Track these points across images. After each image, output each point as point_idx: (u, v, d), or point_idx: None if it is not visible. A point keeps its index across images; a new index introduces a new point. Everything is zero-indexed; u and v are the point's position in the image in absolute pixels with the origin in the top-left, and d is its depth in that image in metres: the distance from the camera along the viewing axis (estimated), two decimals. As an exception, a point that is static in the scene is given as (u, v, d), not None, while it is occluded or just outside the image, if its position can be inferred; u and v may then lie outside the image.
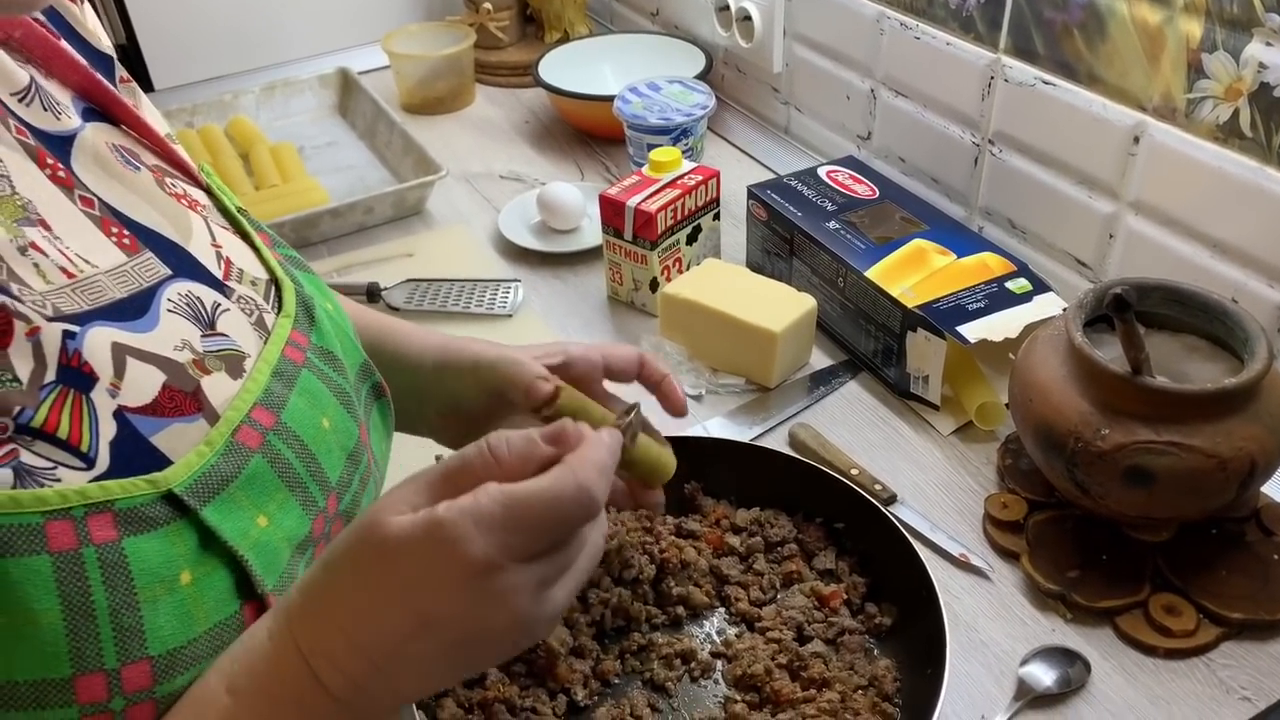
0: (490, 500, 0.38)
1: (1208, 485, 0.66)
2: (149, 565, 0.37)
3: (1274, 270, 0.78)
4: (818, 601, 0.69)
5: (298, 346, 0.48)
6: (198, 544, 0.39)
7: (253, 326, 0.47)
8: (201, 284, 0.46)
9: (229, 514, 0.40)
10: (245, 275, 0.49)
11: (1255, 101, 0.75)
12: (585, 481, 0.40)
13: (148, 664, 0.37)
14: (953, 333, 0.82)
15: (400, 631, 0.39)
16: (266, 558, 0.42)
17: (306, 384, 0.47)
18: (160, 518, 0.38)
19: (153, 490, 0.38)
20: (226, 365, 0.44)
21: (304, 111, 1.39)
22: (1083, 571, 0.72)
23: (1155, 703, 0.65)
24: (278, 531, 0.43)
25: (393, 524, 0.38)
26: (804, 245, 0.96)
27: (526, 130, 1.37)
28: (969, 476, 0.82)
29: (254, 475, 0.42)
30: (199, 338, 0.44)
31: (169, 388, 0.41)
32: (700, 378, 0.93)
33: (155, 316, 0.42)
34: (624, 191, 0.98)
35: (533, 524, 0.39)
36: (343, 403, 0.50)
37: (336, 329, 0.53)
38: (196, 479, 0.40)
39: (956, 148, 1.03)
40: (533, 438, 0.42)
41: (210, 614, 0.39)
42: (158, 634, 0.37)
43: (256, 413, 0.44)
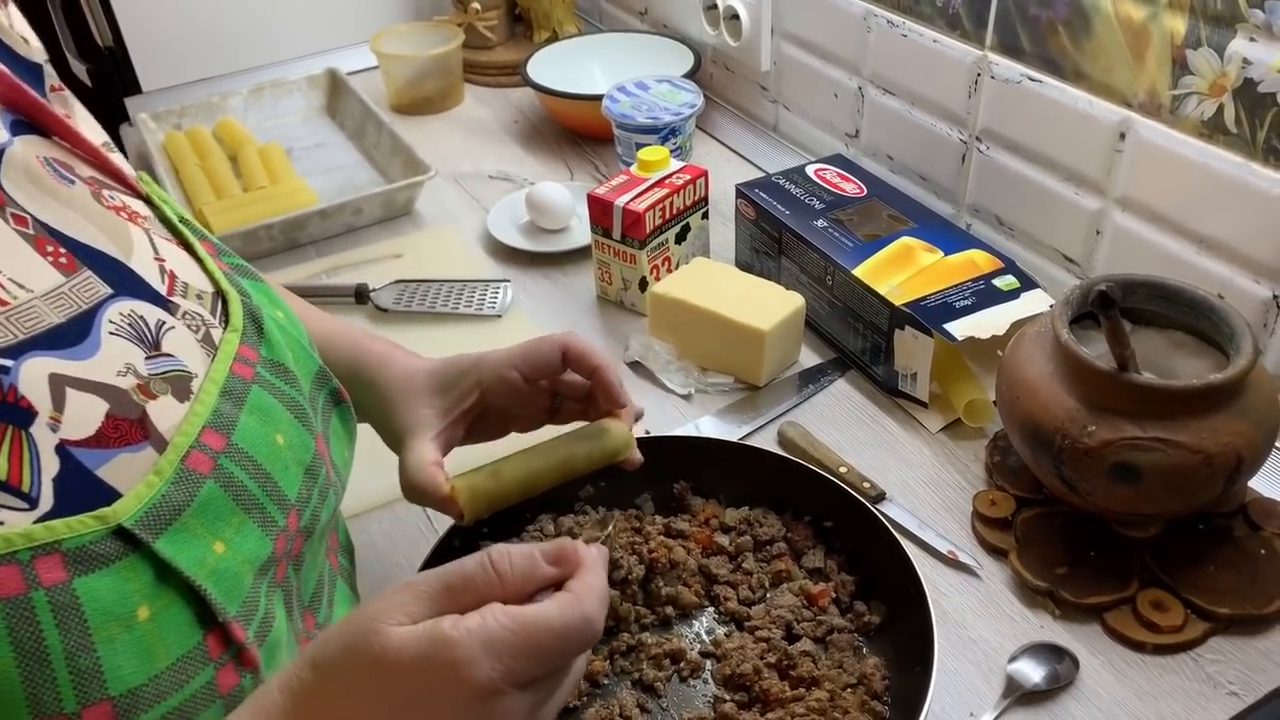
0: (499, 625, 0.38)
1: (1194, 481, 0.66)
2: (103, 604, 0.36)
3: (1259, 266, 0.79)
4: (806, 600, 0.69)
5: (246, 362, 0.47)
6: (153, 577, 0.38)
7: (199, 343, 0.45)
8: (144, 301, 0.44)
9: (184, 544, 0.39)
10: (190, 289, 0.47)
11: (1240, 97, 0.75)
12: (591, 614, 0.40)
13: (109, 704, 0.36)
14: (940, 330, 0.82)
15: None
16: (226, 585, 0.41)
17: (257, 401, 0.46)
18: (111, 554, 0.37)
19: (101, 526, 0.37)
20: (173, 388, 0.43)
21: (292, 112, 1.39)
22: (1071, 568, 0.72)
23: (1143, 698, 0.65)
24: (236, 556, 0.42)
25: (394, 634, 0.38)
26: (792, 244, 0.96)
27: (515, 130, 1.37)
28: (957, 474, 0.82)
29: (207, 502, 0.41)
30: (143, 360, 0.42)
31: (113, 417, 0.39)
32: (689, 377, 0.93)
33: (96, 341, 0.41)
34: (612, 191, 0.98)
35: (540, 652, 0.39)
36: (297, 416, 0.48)
37: (288, 338, 0.52)
38: (147, 511, 0.38)
39: (944, 145, 1.03)
40: (535, 557, 0.42)
41: (172, 648, 0.38)
42: (117, 673, 0.36)
43: (206, 436, 0.42)
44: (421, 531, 0.79)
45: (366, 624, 0.39)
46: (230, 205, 1.15)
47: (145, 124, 1.30)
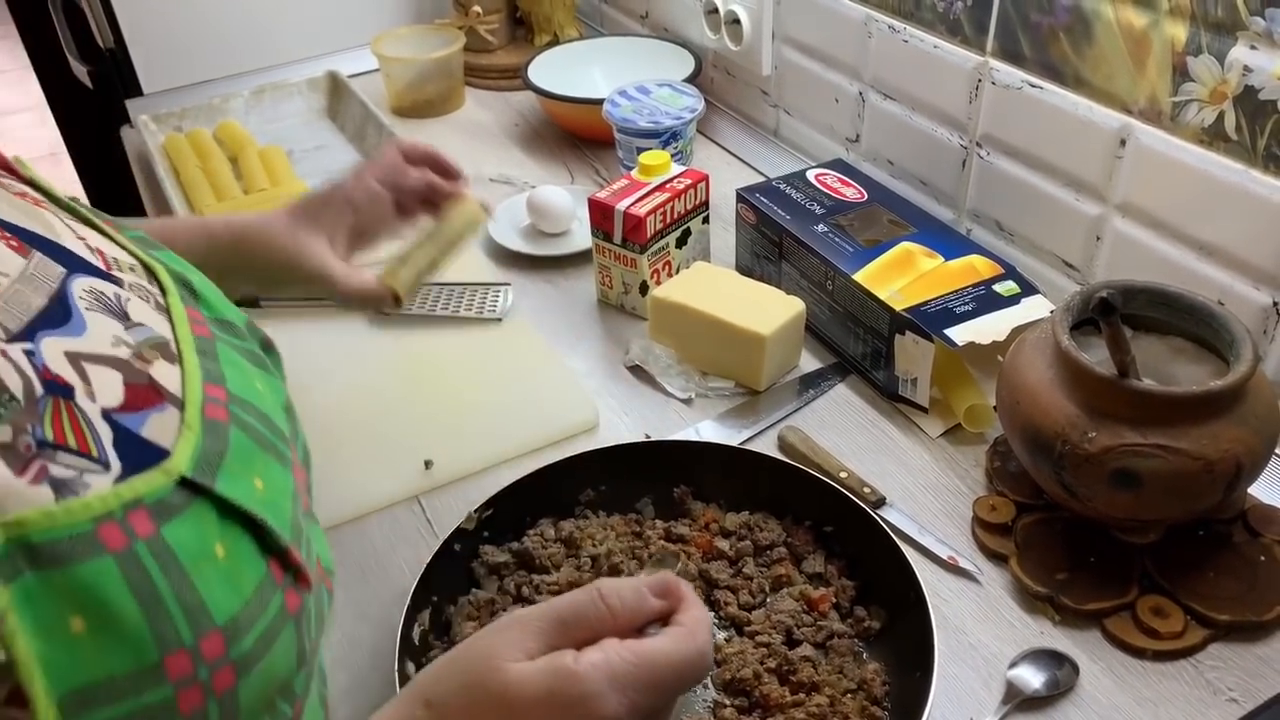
0: (621, 659, 0.40)
1: (1194, 487, 0.67)
2: (189, 547, 0.39)
3: (1260, 272, 0.79)
4: (806, 605, 0.69)
5: (199, 322, 0.48)
6: (217, 517, 0.40)
7: (155, 310, 0.46)
8: (95, 277, 0.44)
9: (233, 484, 0.42)
10: (122, 263, 0.47)
11: (1240, 104, 0.75)
12: (704, 647, 0.43)
13: (218, 633, 0.39)
14: (941, 336, 0.82)
15: None
16: (276, 514, 0.43)
17: (226, 355, 0.48)
18: (182, 503, 0.39)
19: (168, 479, 0.39)
20: (161, 353, 0.44)
21: (293, 115, 1.39)
22: (1071, 574, 0.72)
23: (1143, 704, 0.65)
24: (273, 490, 0.44)
25: (515, 671, 0.40)
26: (792, 248, 0.96)
27: (516, 133, 1.37)
28: (957, 479, 0.82)
29: (237, 445, 0.43)
30: (123, 330, 0.43)
31: (129, 384, 0.41)
32: (690, 381, 0.93)
33: (81, 319, 0.41)
34: (613, 195, 0.98)
35: (661, 685, 0.41)
36: (257, 364, 0.51)
37: (216, 295, 0.53)
38: (196, 460, 0.40)
39: (944, 150, 1.03)
40: (643, 591, 0.44)
41: (249, 578, 0.41)
42: (218, 605, 0.39)
43: (209, 390, 0.44)
44: (421, 535, 0.79)
45: (484, 661, 0.40)
46: (231, 207, 1.15)
47: (146, 126, 1.30)
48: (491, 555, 0.71)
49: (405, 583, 0.68)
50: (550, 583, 0.69)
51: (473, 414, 0.90)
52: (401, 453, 0.86)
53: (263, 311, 1.00)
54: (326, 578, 0.52)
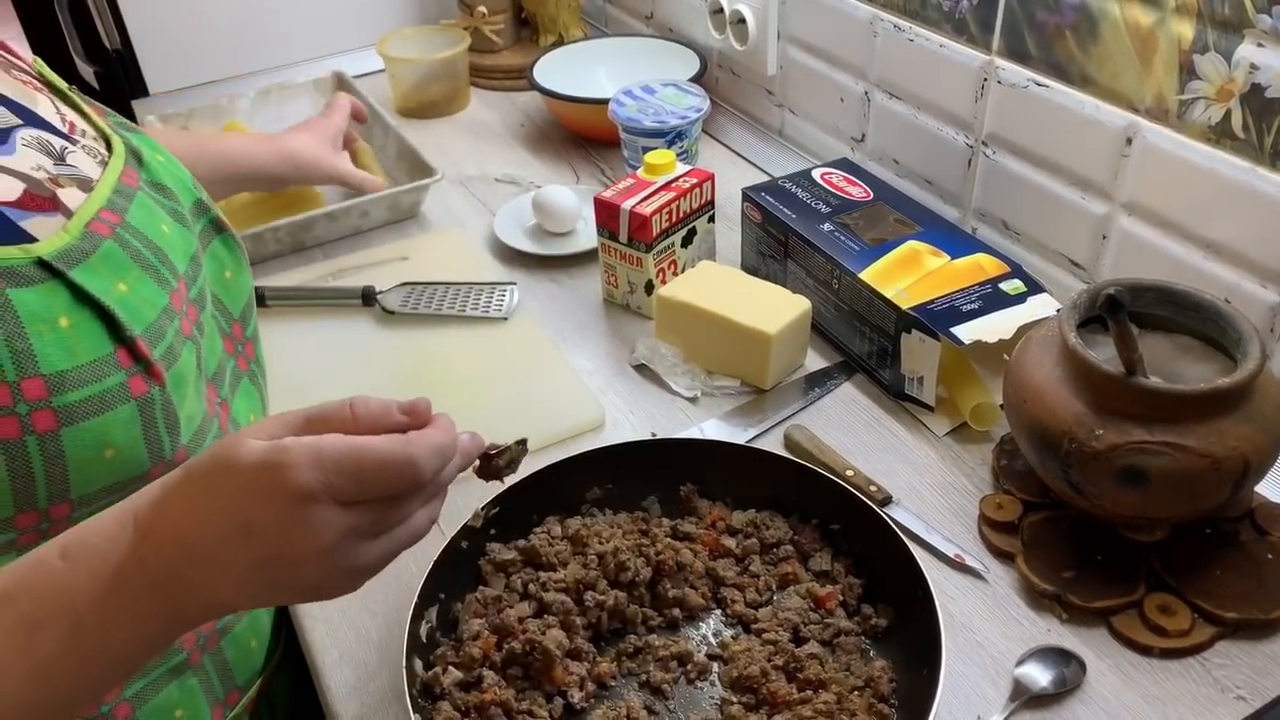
0: (329, 443, 0.44)
1: (1202, 485, 0.66)
2: (31, 309, 0.48)
3: (1267, 271, 0.79)
4: (813, 603, 0.69)
5: (130, 177, 0.59)
6: (70, 298, 0.50)
7: (97, 164, 0.57)
8: (49, 133, 0.56)
9: (92, 277, 0.51)
10: (87, 134, 0.60)
11: (1247, 102, 0.75)
12: (416, 455, 0.45)
13: (41, 380, 0.48)
14: (947, 334, 0.82)
15: (222, 532, 0.44)
16: (130, 310, 0.52)
17: (142, 201, 0.58)
18: (35, 277, 0.49)
19: (25, 256, 0.49)
20: (78, 184, 0.55)
21: (299, 115, 1.39)
22: (1078, 572, 0.72)
23: (1150, 702, 0.65)
24: (137, 296, 0.53)
25: (247, 444, 0.44)
26: (798, 247, 0.96)
27: (521, 133, 1.37)
28: (964, 477, 0.82)
29: (108, 253, 0.53)
30: (51, 164, 0.54)
31: (30, 193, 0.51)
32: (695, 380, 0.93)
33: (13, 146, 0.53)
34: (619, 194, 0.98)
35: (359, 473, 0.44)
36: (177, 220, 0.60)
37: (166, 171, 0.63)
38: (60, 251, 0.50)
39: (950, 149, 1.03)
40: (390, 405, 0.48)
41: (89, 349, 0.50)
42: (47, 358, 0.48)
43: (103, 213, 0.54)
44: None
45: (233, 437, 0.45)
46: (237, 207, 1.15)
47: (152, 126, 1.30)
48: (498, 553, 0.71)
49: (413, 580, 0.68)
50: (557, 580, 0.69)
51: (479, 413, 0.90)
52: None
53: (270, 310, 1.00)
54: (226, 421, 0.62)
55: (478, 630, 0.66)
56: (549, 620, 0.67)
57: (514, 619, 0.66)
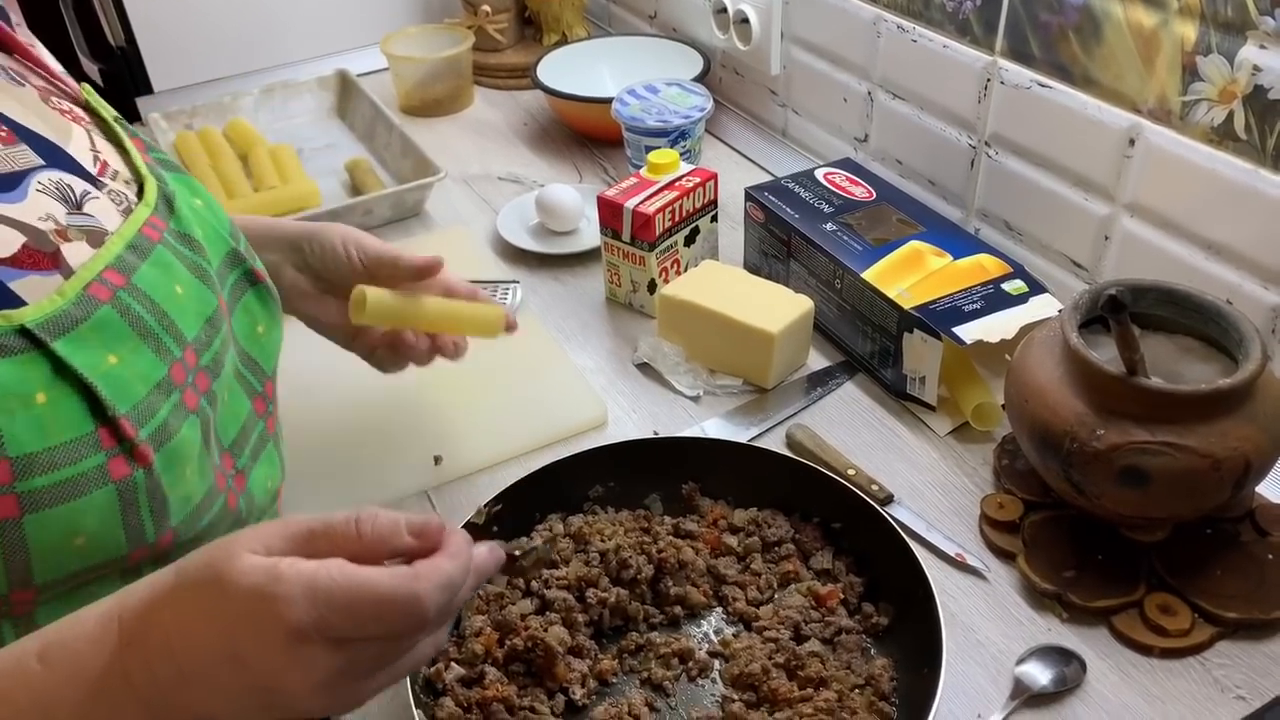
0: (328, 575, 0.40)
1: (1202, 485, 0.67)
2: (4, 384, 0.44)
3: (1268, 272, 0.79)
4: (815, 601, 0.69)
5: (155, 228, 0.54)
6: (50, 371, 0.46)
7: (120, 213, 0.53)
8: (73, 175, 0.52)
9: (78, 349, 0.47)
10: (119, 175, 0.55)
11: (1250, 104, 0.76)
12: (421, 594, 0.41)
13: (7, 462, 0.44)
14: (949, 334, 0.82)
15: (213, 656, 0.41)
16: (116, 387, 0.48)
17: (160, 257, 0.53)
18: (14, 347, 0.45)
19: (6, 324, 0.45)
20: (88, 237, 0.50)
21: (303, 113, 1.40)
22: (1079, 571, 0.72)
23: (1151, 702, 0.66)
24: (129, 369, 0.49)
25: (243, 560, 0.41)
26: (801, 247, 0.96)
27: (525, 132, 1.37)
28: (965, 477, 0.82)
29: (103, 321, 0.49)
30: (64, 214, 0.50)
31: (29, 248, 0.48)
32: (698, 379, 0.93)
33: (24, 193, 0.49)
34: (622, 193, 0.98)
35: (355, 613, 0.40)
36: (198, 276, 0.56)
37: (200, 219, 0.59)
38: (48, 318, 0.46)
39: (953, 150, 1.03)
40: (399, 524, 0.44)
41: (65, 429, 0.46)
42: (15, 439, 0.44)
43: (107, 274, 0.50)
44: (431, 530, 0.79)
45: (230, 545, 0.42)
46: (241, 205, 1.15)
47: (157, 123, 1.31)
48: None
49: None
50: (559, 577, 0.69)
51: (481, 410, 0.90)
52: (411, 448, 0.86)
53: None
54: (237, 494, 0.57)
55: (480, 627, 0.66)
56: (551, 617, 0.67)
57: (516, 616, 0.66)
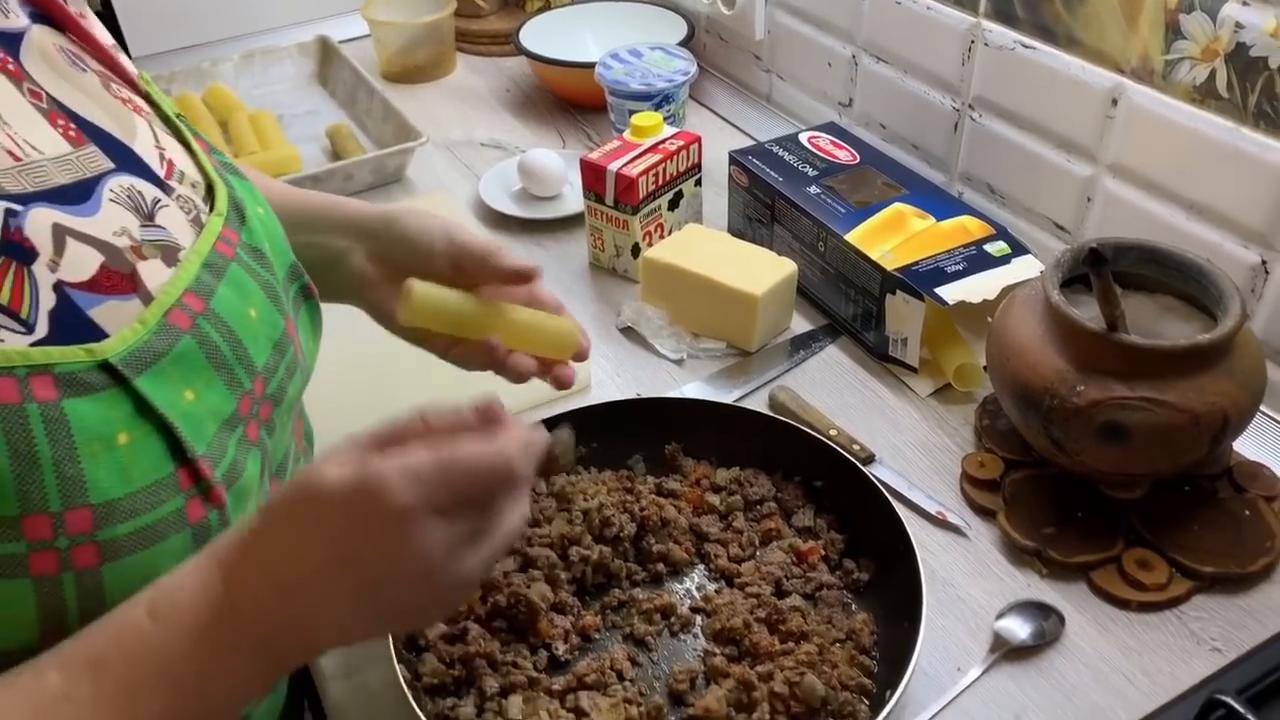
0: (418, 456, 0.41)
1: (1181, 440, 0.67)
2: (87, 424, 0.41)
3: (1248, 231, 0.79)
4: (796, 558, 0.70)
5: (228, 242, 0.51)
6: (133, 410, 0.43)
7: (189, 223, 0.50)
8: (143, 180, 0.49)
9: (159, 386, 0.44)
10: (186, 177, 0.52)
11: (1232, 62, 0.75)
12: (506, 451, 0.42)
13: (89, 510, 0.41)
14: (931, 295, 0.82)
15: (322, 568, 0.41)
16: (194, 427, 0.45)
17: (235, 276, 0.50)
18: (97, 384, 0.42)
19: (89, 359, 0.42)
20: (162, 254, 0.47)
21: (283, 80, 1.38)
22: (1058, 528, 0.73)
23: (1128, 654, 0.66)
24: (203, 406, 0.46)
25: (329, 473, 0.41)
26: (785, 210, 0.96)
27: (508, 99, 1.36)
28: (946, 437, 0.83)
29: (183, 354, 0.45)
30: (137, 226, 0.46)
31: (106, 268, 0.44)
32: (681, 342, 0.93)
33: (97, 203, 0.45)
34: (605, 156, 0.98)
35: (453, 481, 0.41)
36: (269, 296, 0.53)
37: (267, 231, 0.56)
38: (131, 352, 0.43)
39: (937, 113, 1.03)
40: (463, 410, 0.45)
41: (146, 473, 0.43)
42: (97, 485, 0.41)
43: (187, 298, 0.47)
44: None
45: (310, 469, 0.42)
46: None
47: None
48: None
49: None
50: (542, 535, 0.69)
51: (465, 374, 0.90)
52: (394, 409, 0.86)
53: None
54: None
55: (463, 584, 0.66)
56: (534, 574, 0.67)
57: (499, 573, 0.67)
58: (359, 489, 0.40)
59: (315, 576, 0.41)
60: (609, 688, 0.62)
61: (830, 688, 0.60)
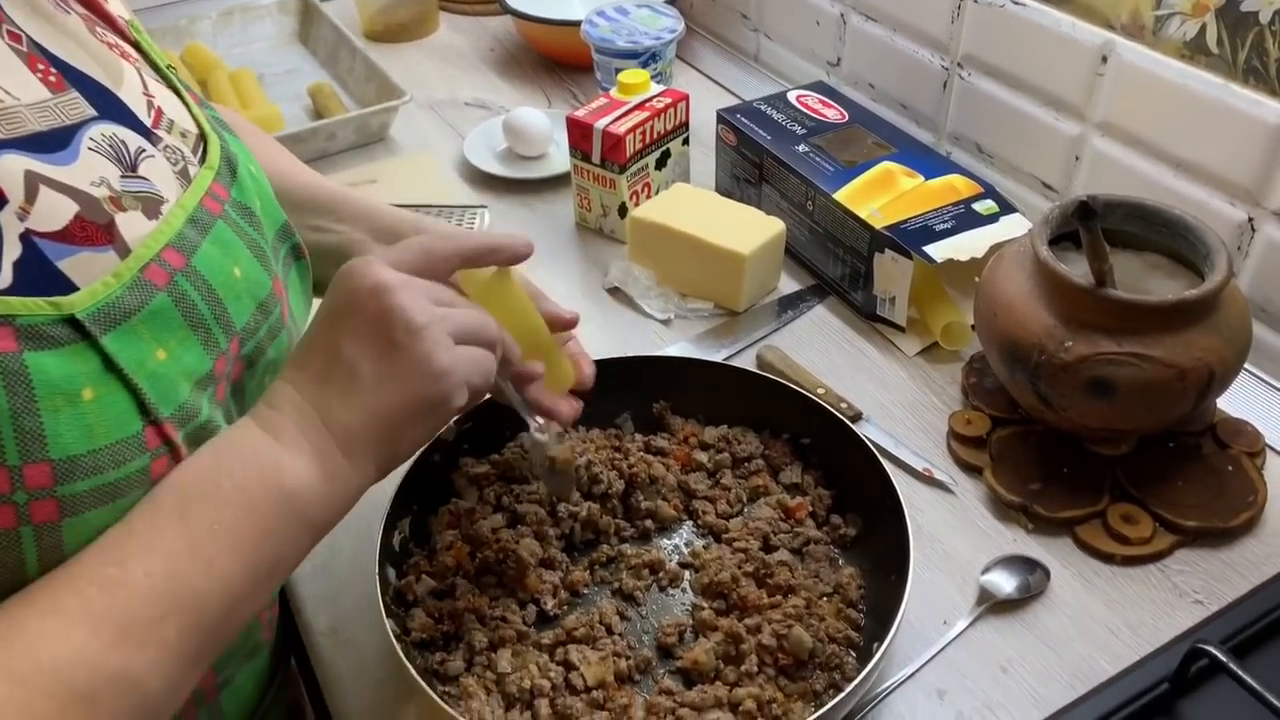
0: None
1: (1167, 396, 0.67)
2: (49, 379, 0.40)
3: (1236, 188, 0.79)
4: (783, 513, 0.70)
5: (216, 198, 0.50)
6: (100, 366, 0.42)
7: (176, 175, 0.48)
8: (127, 129, 0.47)
9: (128, 344, 0.43)
10: (175, 126, 0.50)
11: (1222, 16, 0.75)
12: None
13: (48, 465, 0.40)
14: (920, 253, 0.82)
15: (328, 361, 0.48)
16: (162, 387, 0.44)
17: (220, 234, 0.49)
18: (62, 338, 0.40)
19: (54, 312, 0.40)
20: (144, 206, 0.46)
21: (263, 39, 1.36)
22: (1044, 484, 0.73)
23: (1112, 607, 0.67)
24: (175, 366, 0.45)
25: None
26: (773, 169, 0.95)
27: (492, 58, 1.34)
28: (934, 395, 0.83)
29: (157, 311, 0.44)
30: (118, 177, 0.45)
31: (81, 218, 0.42)
32: (669, 302, 0.93)
33: (75, 152, 0.44)
34: (592, 114, 0.97)
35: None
36: (256, 256, 0.52)
37: (258, 189, 0.55)
38: (100, 308, 0.42)
39: (926, 72, 1.02)
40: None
41: (112, 430, 0.42)
42: (58, 440, 0.40)
43: (167, 253, 0.45)
44: (400, 450, 0.79)
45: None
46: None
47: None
48: (471, 466, 0.71)
49: (384, 495, 0.68)
50: (530, 492, 0.69)
51: (450, 333, 0.89)
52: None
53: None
54: None
55: (450, 540, 0.66)
56: (522, 530, 0.67)
57: (487, 530, 0.66)
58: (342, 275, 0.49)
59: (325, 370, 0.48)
60: (598, 641, 0.62)
61: (818, 640, 0.60)
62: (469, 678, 0.59)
